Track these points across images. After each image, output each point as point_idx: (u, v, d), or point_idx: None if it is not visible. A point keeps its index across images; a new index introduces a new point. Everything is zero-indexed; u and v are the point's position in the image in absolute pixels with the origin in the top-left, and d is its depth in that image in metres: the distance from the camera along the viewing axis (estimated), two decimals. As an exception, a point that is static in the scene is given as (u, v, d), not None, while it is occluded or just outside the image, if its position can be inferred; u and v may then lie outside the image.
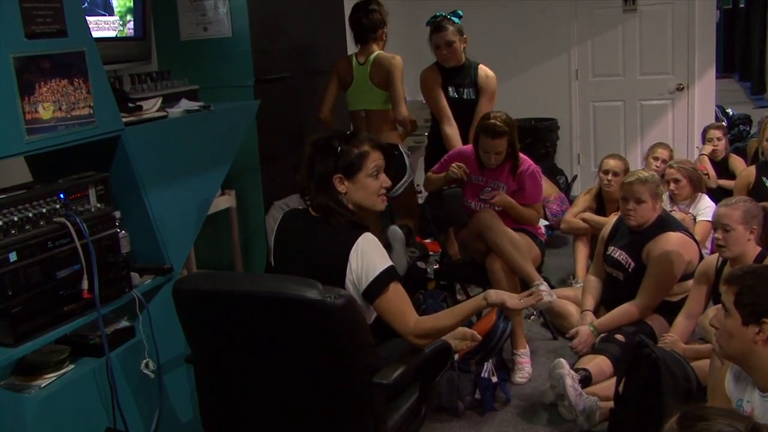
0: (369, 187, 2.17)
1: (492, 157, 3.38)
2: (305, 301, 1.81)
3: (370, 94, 3.91)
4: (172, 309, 2.02)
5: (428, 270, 4.33)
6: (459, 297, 3.97)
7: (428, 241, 5.22)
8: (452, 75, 3.83)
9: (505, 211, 3.47)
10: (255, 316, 1.90)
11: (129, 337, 2.37)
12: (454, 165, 3.45)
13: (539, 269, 3.63)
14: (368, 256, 2.06)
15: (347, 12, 4.24)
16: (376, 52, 3.88)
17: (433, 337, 2.10)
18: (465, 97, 3.83)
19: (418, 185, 5.83)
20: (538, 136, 6.16)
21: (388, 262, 2.09)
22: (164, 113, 2.58)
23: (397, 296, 2.06)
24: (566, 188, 6.00)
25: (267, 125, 3.63)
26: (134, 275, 2.39)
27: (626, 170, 4.15)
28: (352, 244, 2.07)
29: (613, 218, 3.61)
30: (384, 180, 2.21)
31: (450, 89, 3.84)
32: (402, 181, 3.88)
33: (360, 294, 2.08)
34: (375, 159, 2.18)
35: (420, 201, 6.21)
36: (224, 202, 3.50)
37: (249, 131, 3.35)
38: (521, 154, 3.48)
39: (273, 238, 2.27)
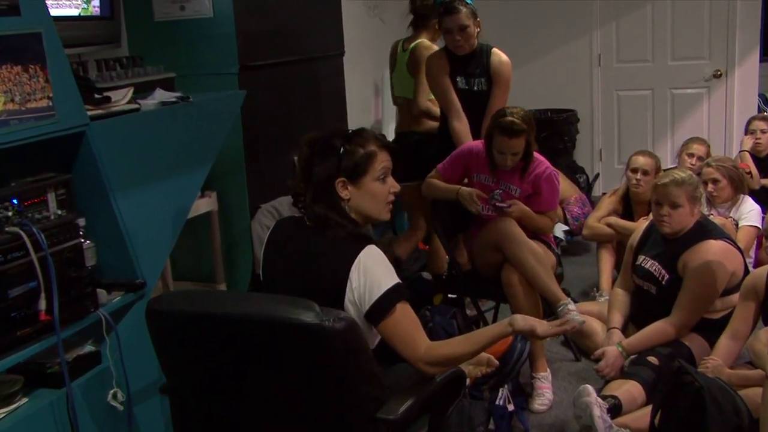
0: (376, 192, 2.13)
1: (508, 159, 3.34)
2: (300, 326, 1.77)
3: (406, 82, 4.12)
4: (145, 331, 1.97)
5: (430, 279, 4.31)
6: (468, 311, 3.92)
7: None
8: (463, 62, 3.77)
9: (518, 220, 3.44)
10: (241, 341, 1.86)
11: (94, 364, 2.31)
12: (474, 196, 3.37)
13: (557, 280, 3.57)
14: (372, 272, 2.01)
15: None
16: (420, 40, 4.08)
17: (447, 366, 2.06)
18: (476, 88, 3.77)
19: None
20: (555, 130, 6.11)
21: (395, 279, 2.03)
22: (136, 105, 2.55)
23: (405, 318, 2.03)
24: (587, 188, 5.96)
25: (253, 118, 3.58)
26: (101, 292, 2.35)
27: (658, 169, 4.10)
28: (354, 259, 2.03)
29: (642, 223, 3.54)
30: (392, 184, 2.17)
31: (459, 79, 3.78)
32: None
33: (362, 316, 2.03)
34: (383, 160, 2.13)
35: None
36: (204, 205, 3.45)
37: (233, 125, 3.30)
38: (538, 155, 3.44)
39: (262, 249, 2.25)
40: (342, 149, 2.09)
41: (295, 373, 1.84)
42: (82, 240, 2.28)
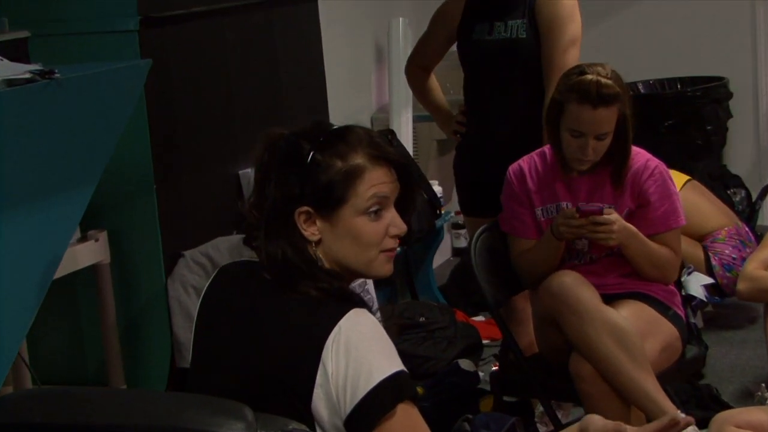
0: (360, 233, 2.15)
1: (589, 146, 3.37)
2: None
3: None
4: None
5: (479, 374, 4.33)
6: (542, 429, 3.95)
7: (479, 318, 5.23)
8: (493, 2, 3.93)
9: (607, 262, 3.50)
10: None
11: None
12: (567, 214, 3.39)
13: (690, 367, 3.61)
14: (358, 353, 2.04)
15: None
16: None
17: None
18: (511, 35, 3.89)
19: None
20: (689, 113, 6.07)
21: (396, 365, 2.05)
22: (-36, 86, 2.62)
23: (408, 428, 2.05)
24: (746, 213, 5.88)
25: (168, 106, 3.64)
26: None
27: None
28: (329, 330, 2.05)
29: None
30: (392, 223, 2.18)
31: (478, 28, 3.94)
32: None
33: (340, 423, 2.06)
34: (375, 182, 2.14)
35: (461, 243, 6.29)
36: (86, 253, 3.50)
37: (133, 118, 3.33)
38: (635, 147, 3.48)
39: (197, 308, 2.31)
40: (311, 158, 2.12)
41: None
42: None
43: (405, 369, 2.06)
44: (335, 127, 2.19)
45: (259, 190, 2.19)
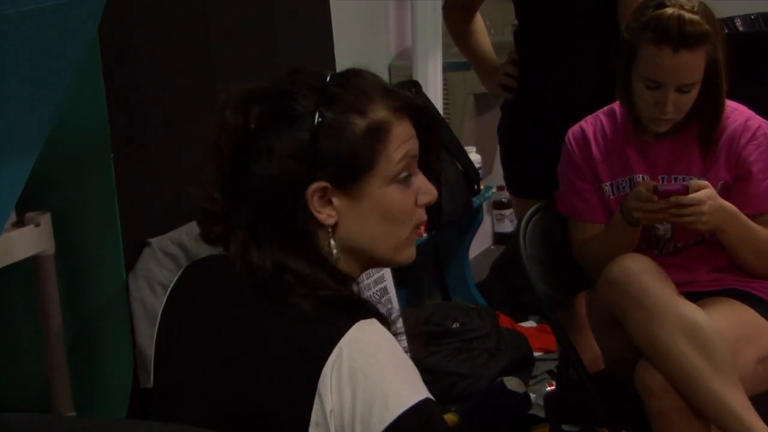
0: (392, 207, 2.16)
1: (669, 99, 3.37)
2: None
3: None
4: None
5: (530, 396, 4.39)
6: None
7: (529, 324, 5.33)
8: None
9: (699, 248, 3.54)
10: None
11: None
12: (640, 199, 3.36)
13: None
14: (367, 380, 2.04)
15: None
16: None
17: None
18: None
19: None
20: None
21: (420, 392, 2.06)
22: None
23: None
24: None
25: (129, 52, 3.67)
26: None
27: None
28: (328, 353, 2.06)
29: None
30: (421, 189, 2.19)
31: None
32: None
33: None
34: (403, 138, 2.15)
35: (505, 227, 6.33)
36: (25, 241, 3.51)
37: (85, 67, 3.37)
38: (731, 103, 3.50)
39: (157, 322, 2.35)
40: (319, 119, 2.11)
41: None
42: None
43: (431, 396, 2.06)
44: (332, 73, 2.19)
45: (228, 169, 2.17)
